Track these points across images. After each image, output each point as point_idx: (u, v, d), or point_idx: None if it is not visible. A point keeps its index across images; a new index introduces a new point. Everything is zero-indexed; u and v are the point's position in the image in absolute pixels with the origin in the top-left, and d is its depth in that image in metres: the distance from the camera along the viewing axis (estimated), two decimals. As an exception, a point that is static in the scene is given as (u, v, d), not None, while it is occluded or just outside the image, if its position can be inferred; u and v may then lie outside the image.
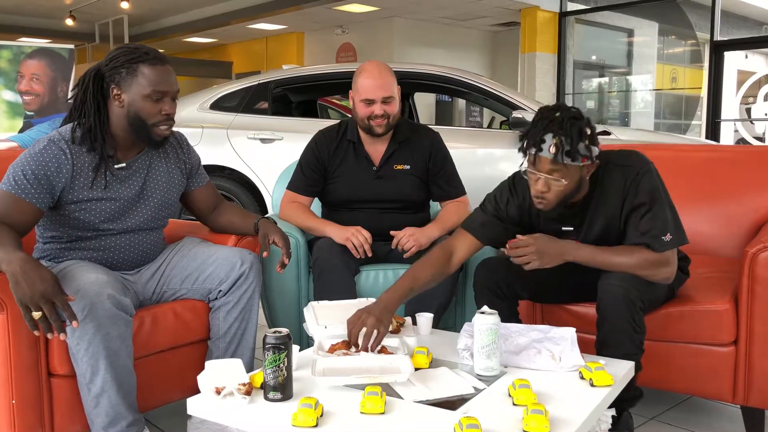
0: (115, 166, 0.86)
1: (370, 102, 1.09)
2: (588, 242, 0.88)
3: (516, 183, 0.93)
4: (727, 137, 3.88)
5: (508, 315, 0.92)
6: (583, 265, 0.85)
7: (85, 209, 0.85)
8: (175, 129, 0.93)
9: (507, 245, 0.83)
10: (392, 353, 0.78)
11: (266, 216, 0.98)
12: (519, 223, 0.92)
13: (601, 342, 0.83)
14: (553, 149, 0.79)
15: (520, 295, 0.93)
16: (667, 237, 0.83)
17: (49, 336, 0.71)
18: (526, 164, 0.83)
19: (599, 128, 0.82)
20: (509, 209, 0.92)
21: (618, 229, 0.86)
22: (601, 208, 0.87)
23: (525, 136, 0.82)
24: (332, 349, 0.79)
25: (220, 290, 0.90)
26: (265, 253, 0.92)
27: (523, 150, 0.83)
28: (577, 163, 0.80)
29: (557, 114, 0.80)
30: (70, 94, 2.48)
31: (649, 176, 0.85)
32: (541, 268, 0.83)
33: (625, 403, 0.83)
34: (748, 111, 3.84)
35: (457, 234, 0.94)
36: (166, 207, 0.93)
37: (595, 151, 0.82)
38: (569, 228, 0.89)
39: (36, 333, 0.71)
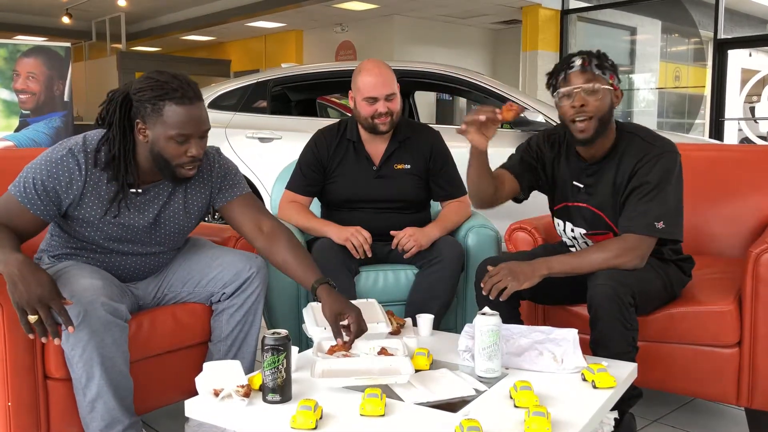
0: (131, 190, 0.82)
1: (373, 100, 1.08)
2: (595, 205, 0.88)
3: (548, 135, 0.96)
4: (731, 136, 3.86)
5: (510, 315, 0.91)
6: (562, 275, 0.85)
7: (92, 230, 0.83)
8: None
9: (482, 284, 0.84)
10: (392, 354, 0.77)
11: (327, 280, 0.82)
12: (543, 168, 0.94)
13: (594, 342, 0.83)
14: (580, 62, 0.84)
15: (522, 295, 0.93)
16: (660, 224, 0.83)
17: (43, 340, 0.71)
18: (557, 96, 0.85)
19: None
20: (542, 154, 0.95)
21: (619, 200, 0.87)
22: (614, 174, 0.87)
23: (552, 72, 0.87)
24: (331, 351, 0.78)
25: (224, 293, 0.88)
26: (339, 341, 0.75)
27: (553, 83, 0.86)
28: (606, 76, 0.84)
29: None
30: (67, 95, 2.42)
31: (667, 161, 0.85)
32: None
33: (624, 404, 0.82)
34: (752, 110, 3.81)
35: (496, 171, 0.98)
36: (177, 235, 0.89)
37: (617, 76, 0.86)
38: (580, 185, 0.90)
39: (31, 336, 0.71)
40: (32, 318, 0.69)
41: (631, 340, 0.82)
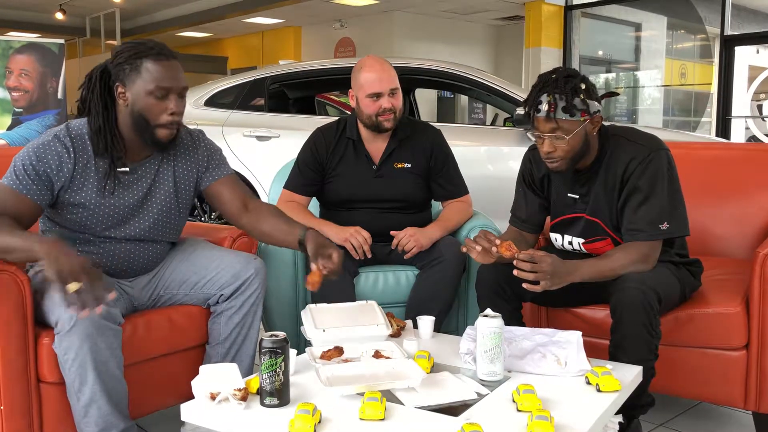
0: (119, 170, 0.82)
1: (377, 96, 1.07)
2: (590, 213, 0.88)
3: (532, 153, 0.96)
4: (737, 135, 3.81)
5: (511, 318, 0.90)
6: (589, 281, 0.84)
7: (85, 214, 0.82)
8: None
9: (516, 256, 0.80)
10: (388, 357, 0.76)
11: (312, 227, 0.85)
12: (541, 189, 0.94)
13: (615, 346, 0.81)
14: (545, 107, 0.82)
15: (524, 297, 0.92)
16: (664, 226, 0.83)
17: (82, 314, 0.69)
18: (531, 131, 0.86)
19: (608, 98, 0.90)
20: (534, 178, 0.95)
21: (615, 205, 0.87)
22: (604, 179, 0.88)
23: (524, 104, 0.85)
24: (326, 357, 0.77)
25: (222, 294, 0.87)
26: (315, 268, 0.76)
27: (526, 116, 0.85)
28: (575, 118, 0.82)
29: (553, 76, 0.83)
30: (60, 93, 2.44)
31: (657, 161, 0.84)
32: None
33: (636, 410, 0.81)
34: (760, 108, 3.77)
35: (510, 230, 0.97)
36: (169, 218, 0.88)
37: (595, 105, 0.83)
38: (575, 196, 0.90)
39: (70, 311, 0.69)
40: (73, 286, 0.68)
41: (653, 348, 0.81)
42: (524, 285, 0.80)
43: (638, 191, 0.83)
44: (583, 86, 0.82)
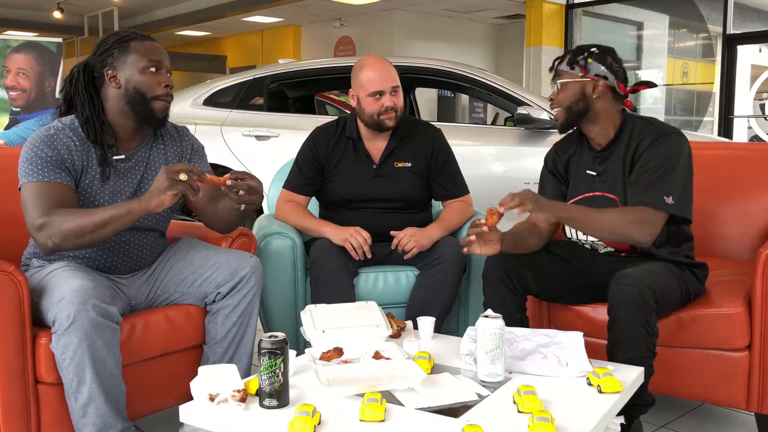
0: (114, 158, 0.85)
1: (379, 94, 1.07)
2: (608, 191, 0.91)
3: (557, 146, 1.00)
4: (740, 134, 3.81)
5: (516, 309, 0.90)
6: (572, 223, 0.88)
7: (84, 202, 0.83)
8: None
9: (500, 210, 0.82)
10: (388, 358, 0.76)
11: None
12: (565, 174, 0.98)
13: (612, 345, 0.82)
14: (558, 61, 0.92)
15: (530, 289, 0.92)
16: (669, 200, 0.85)
17: (197, 195, 0.76)
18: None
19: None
20: (558, 163, 0.99)
21: (628, 178, 0.89)
22: (622, 156, 0.90)
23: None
24: (326, 357, 0.77)
25: (219, 293, 0.88)
26: (227, 177, 0.78)
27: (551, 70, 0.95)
28: (574, 72, 0.90)
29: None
30: (58, 92, 2.46)
31: (674, 141, 0.87)
32: (550, 262, 0.84)
33: (636, 410, 0.81)
34: (762, 107, 3.75)
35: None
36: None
37: (597, 68, 0.89)
38: (593, 173, 0.93)
39: (192, 195, 0.76)
40: (183, 176, 0.75)
41: (651, 346, 0.80)
42: (518, 210, 0.81)
43: (652, 162, 0.85)
44: (596, 51, 0.90)
